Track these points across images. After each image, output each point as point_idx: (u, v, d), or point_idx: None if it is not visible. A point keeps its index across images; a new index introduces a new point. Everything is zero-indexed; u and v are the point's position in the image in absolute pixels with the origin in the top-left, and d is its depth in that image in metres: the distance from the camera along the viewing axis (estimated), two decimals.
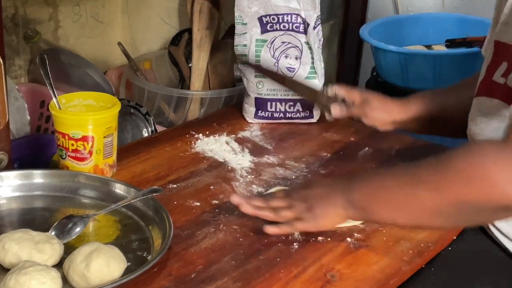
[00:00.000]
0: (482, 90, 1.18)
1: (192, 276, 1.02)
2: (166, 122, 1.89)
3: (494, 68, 1.16)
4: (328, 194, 1.09)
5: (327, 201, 1.08)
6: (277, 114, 1.59)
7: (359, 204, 1.06)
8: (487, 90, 1.16)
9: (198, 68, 1.90)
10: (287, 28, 1.56)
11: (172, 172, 1.34)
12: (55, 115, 1.26)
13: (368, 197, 1.06)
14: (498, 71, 1.15)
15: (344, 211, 1.07)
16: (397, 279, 1.06)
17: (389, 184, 1.05)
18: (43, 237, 1.04)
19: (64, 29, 2.06)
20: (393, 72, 2.02)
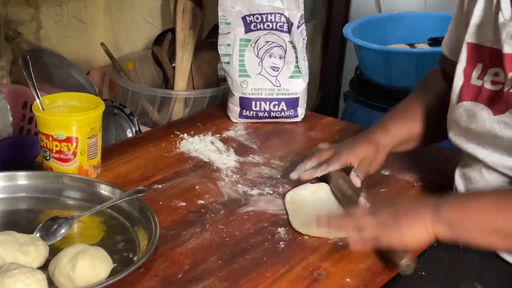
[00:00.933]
0: (464, 95, 1.16)
1: (178, 277, 1.02)
2: (150, 122, 1.89)
3: (470, 71, 1.16)
4: (417, 211, 1.03)
5: (416, 217, 1.03)
6: (261, 114, 1.59)
7: (450, 221, 1.01)
8: (470, 94, 1.15)
9: (182, 68, 1.89)
10: (271, 27, 1.56)
11: (157, 173, 1.33)
12: (39, 116, 1.25)
13: (461, 215, 1.02)
14: (475, 73, 1.16)
15: (433, 228, 1.01)
16: (384, 276, 1.06)
17: (486, 204, 1.01)
18: (28, 239, 1.03)
19: (46, 30, 2.05)
20: (377, 70, 2.03)
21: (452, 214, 1.02)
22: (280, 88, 1.58)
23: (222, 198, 1.25)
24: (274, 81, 1.58)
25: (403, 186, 1.31)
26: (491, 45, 1.13)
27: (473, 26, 1.16)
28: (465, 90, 1.16)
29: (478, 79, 1.15)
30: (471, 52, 1.17)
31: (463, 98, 1.16)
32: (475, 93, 1.14)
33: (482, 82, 1.14)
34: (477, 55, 1.16)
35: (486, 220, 1.00)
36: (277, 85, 1.58)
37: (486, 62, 1.14)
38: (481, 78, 1.14)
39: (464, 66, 1.17)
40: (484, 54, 1.14)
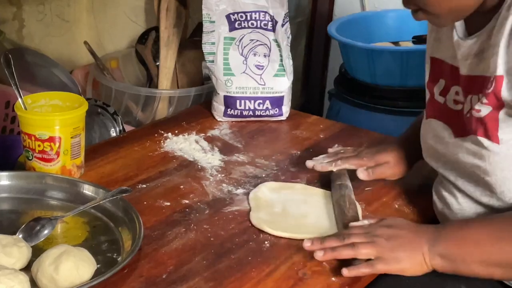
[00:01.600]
0: (429, 111, 1.15)
1: (163, 277, 1.02)
2: (134, 121, 1.88)
3: (433, 85, 1.14)
4: (414, 240, 1.02)
5: (413, 246, 1.02)
6: (246, 112, 1.59)
7: (448, 256, 1.00)
8: (433, 111, 1.14)
9: (166, 67, 1.88)
10: (255, 25, 1.56)
11: (141, 172, 1.33)
12: (21, 116, 1.24)
13: (458, 249, 1.00)
14: (437, 88, 1.13)
15: (431, 261, 1.01)
16: (368, 276, 1.06)
17: (482, 236, 0.99)
18: (10, 240, 1.02)
19: (28, 29, 2.03)
20: (361, 68, 2.03)
21: (449, 248, 1.00)
22: (265, 87, 1.58)
23: (207, 197, 1.25)
24: (259, 80, 1.58)
25: (387, 185, 1.31)
26: (451, 62, 1.10)
27: (433, 40, 1.14)
28: (430, 106, 1.15)
29: (440, 96, 1.12)
30: (433, 66, 1.15)
31: (427, 115, 1.15)
32: (438, 111, 1.12)
33: (444, 99, 1.11)
34: (438, 70, 1.13)
35: (483, 252, 0.99)
36: (261, 84, 1.58)
37: (447, 78, 1.11)
38: (443, 95, 1.12)
39: (427, 79, 1.16)
40: (445, 70, 1.11)
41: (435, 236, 1.02)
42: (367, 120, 2.00)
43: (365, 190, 1.29)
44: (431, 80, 1.15)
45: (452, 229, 1.03)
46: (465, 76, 1.05)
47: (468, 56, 1.04)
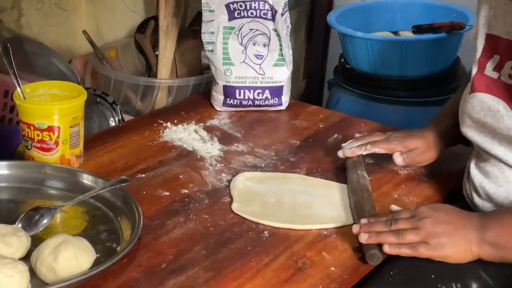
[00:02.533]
0: (478, 85, 1.14)
1: (162, 267, 1.02)
2: (133, 111, 1.87)
3: (485, 61, 1.13)
4: (461, 227, 1.02)
5: (460, 233, 1.02)
6: (245, 102, 1.58)
7: (497, 243, 1.00)
8: (483, 85, 1.13)
9: (165, 56, 1.88)
10: (255, 15, 1.55)
11: (140, 162, 1.32)
12: (20, 105, 1.24)
13: (507, 236, 1.00)
14: (490, 64, 1.13)
15: (478, 249, 1.01)
16: (368, 264, 1.06)
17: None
18: (10, 230, 1.02)
19: (27, 18, 2.02)
20: (361, 58, 2.03)
21: (498, 236, 1.00)
22: (264, 76, 1.57)
23: (206, 187, 1.25)
24: (258, 69, 1.57)
25: (387, 174, 1.31)
26: (507, 37, 1.09)
27: (489, 16, 1.13)
28: (477, 81, 1.14)
29: (493, 71, 1.12)
30: (487, 42, 1.14)
31: (475, 89, 1.14)
32: (490, 85, 1.11)
33: (498, 74, 1.10)
34: (493, 46, 1.13)
35: None
36: (261, 73, 1.57)
37: (504, 54, 1.10)
38: (497, 71, 1.11)
39: (480, 55, 1.15)
40: (501, 45, 1.11)
41: (483, 224, 1.02)
42: (367, 109, 2.00)
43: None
44: (485, 56, 1.14)
45: (499, 216, 1.03)
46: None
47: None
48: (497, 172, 1.11)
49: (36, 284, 0.96)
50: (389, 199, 1.23)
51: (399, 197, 1.24)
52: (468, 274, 1.06)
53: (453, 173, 1.28)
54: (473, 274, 1.06)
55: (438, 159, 1.32)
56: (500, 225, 1.02)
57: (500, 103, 1.09)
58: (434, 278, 1.05)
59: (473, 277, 1.06)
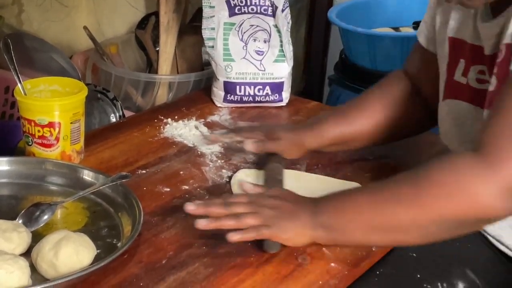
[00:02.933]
0: (448, 92, 1.14)
1: (163, 263, 1.02)
2: (134, 107, 1.87)
3: (454, 67, 1.13)
4: (297, 212, 1.03)
5: (295, 217, 1.02)
6: (246, 98, 1.58)
7: (329, 226, 1.01)
8: (453, 92, 1.13)
9: (166, 52, 1.88)
10: (255, 11, 1.55)
11: (141, 158, 1.33)
12: (21, 101, 1.24)
13: (338, 218, 1.01)
14: (458, 70, 1.13)
15: (312, 232, 1.02)
16: (368, 260, 1.06)
17: (361, 202, 1.00)
18: (10, 226, 1.02)
19: (27, 13, 2.02)
20: (361, 54, 2.03)
21: (330, 217, 1.01)
22: (265, 72, 1.57)
23: (206, 183, 1.25)
24: (259, 65, 1.57)
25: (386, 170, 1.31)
26: (471, 41, 1.09)
27: (453, 20, 1.13)
28: (448, 87, 1.14)
29: (462, 76, 1.12)
30: (452, 47, 1.14)
31: (447, 95, 1.14)
32: (460, 91, 1.11)
33: (466, 79, 1.11)
34: (459, 51, 1.13)
35: (363, 219, 0.99)
36: (261, 69, 1.57)
37: (469, 58, 1.11)
38: (464, 76, 1.11)
39: (447, 61, 1.15)
40: (465, 50, 1.11)
41: (316, 207, 1.02)
42: None
43: (364, 175, 1.29)
44: (452, 61, 1.14)
45: (333, 199, 1.04)
46: (489, 56, 1.05)
47: (492, 36, 1.03)
48: None
49: (37, 279, 0.96)
50: None
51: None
52: (454, 274, 1.06)
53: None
54: (459, 273, 1.06)
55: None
56: (331, 208, 1.02)
57: (472, 108, 1.09)
58: (420, 278, 1.05)
59: (459, 276, 1.06)
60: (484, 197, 0.90)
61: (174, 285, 0.97)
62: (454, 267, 1.06)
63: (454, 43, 1.14)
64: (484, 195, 0.90)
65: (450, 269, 1.06)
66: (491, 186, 0.89)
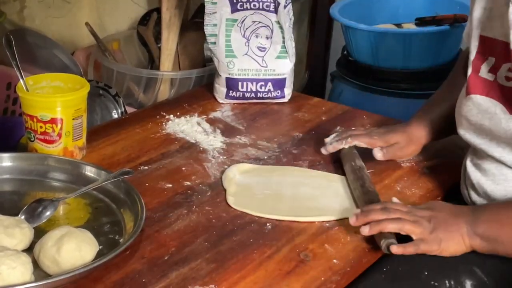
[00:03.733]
0: (473, 88, 1.13)
1: (165, 259, 1.02)
2: (136, 103, 1.87)
3: (480, 63, 1.12)
4: (454, 222, 1.05)
5: (453, 227, 1.04)
6: (248, 94, 1.58)
7: (487, 235, 1.03)
8: (479, 87, 1.12)
9: (168, 48, 1.88)
10: (258, 7, 1.55)
11: (143, 154, 1.33)
12: (23, 97, 1.24)
13: (497, 229, 1.03)
14: (484, 66, 1.12)
15: (469, 241, 1.04)
16: (370, 257, 1.06)
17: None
18: (13, 222, 1.02)
19: (30, 9, 2.02)
20: (364, 51, 2.03)
21: (488, 229, 1.03)
22: (267, 69, 1.57)
23: (208, 179, 1.25)
24: (261, 62, 1.57)
25: (389, 167, 1.31)
26: (503, 39, 1.08)
27: (484, 18, 1.13)
28: (473, 83, 1.13)
29: (489, 73, 1.11)
30: (481, 44, 1.13)
31: (470, 91, 1.13)
32: (486, 88, 1.11)
33: (494, 76, 1.10)
34: (488, 48, 1.12)
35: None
36: (263, 66, 1.57)
37: (499, 56, 1.10)
38: (493, 73, 1.10)
39: (473, 57, 1.14)
40: (496, 47, 1.10)
41: (474, 218, 1.04)
42: (370, 102, 2.00)
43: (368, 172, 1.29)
44: (478, 58, 1.14)
45: (490, 210, 1.06)
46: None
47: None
48: (495, 170, 1.11)
49: (39, 275, 0.96)
50: (391, 191, 1.23)
51: (401, 190, 1.24)
52: (461, 271, 1.06)
53: (456, 165, 1.27)
54: (466, 270, 1.06)
55: (441, 151, 1.32)
56: (490, 219, 1.04)
57: (497, 106, 1.08)
58: (427, 275, 1.05)
59: (467, 274, 1.06)
60: None
61: (176, 281, 0.97)
62: (462, 265, 1.06)
63: (484, 40, 1.13)
64: None
65: (457, 267, 1.06)
66: None
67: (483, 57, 1.12)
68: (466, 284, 1.05)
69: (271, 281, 0.99)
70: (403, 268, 1.06)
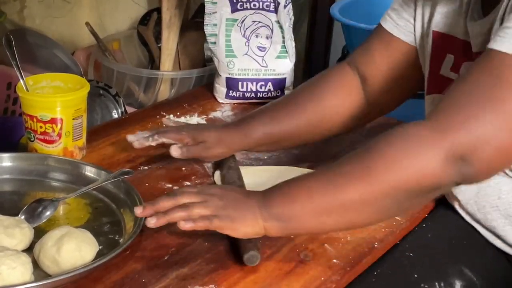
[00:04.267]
0: (432, 87, 1.12)
1: (165, 259, 1.02)
2: (136, 103, 1.87)
3: (439, 61, 1.11)
4: (246, 201, 0.98)
5: (245, 207, 0.98)
6: (248, 94, 1.58)
7: (280, 216, 0.96)
8: (438, 87, 1.11)
9: (168, 48, 1.88)
10: (258, 7, 1.55)
11: (143, 154, 1.32)
12: (23, 97, 1.24)
13: (288, 206, 0.96)
14: (445, 64, 1.11)
15: (265, 223, 0.97)
16: (370, 257, 1.06)
17: (311, 187, 0.95)
18: (13, 222, 1.02)
19: (30, 9, 2.02)
20: None
21: (280, 207, 0.96)
22: (267, 69, 1.57)
23: (208, 179, 1.25)
24: (261, 62, 1.57)
25: None
26: (463, 37, 1.08)
27: (440, 14, 1.11)
28: (432, 82, 1.12)
29: (451, 72, 1.10)
30: (438, 41, 1.12)
31: (431, 90, 1.13)
32: (447, 86, 1.09)
33: (456, 75, 1.09)
34: (446, 45, 1.11)
35: (313, 204, 0.94)
36: (264, 66, 1.57)
37: (458, 54, 1.09)
38: (454, 71, 1.10)
39: (430, 56, 1.13)
40: (455, 45, 1.09)
41: (265, 197, 0.98)
42: None
43: None
44: (436, 56, 1.12)
45: (281, 187, 0.99)
46: (476, 53, 1.04)
47: (480, 34, 1.03)
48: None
49: (39, 275, 0.96)
50: None
51: None
52: (451, 272, 1.06)
53: None
54: (456, 271, 1.06)
55: None
56: (280, 197, 0.97)
57: None
58: (417, 278, 1.05)
59: (457, 275, 1.06)
60: (433, 164, 0.87)
61: (176, 281, 0.97)
62: (451, 266, 1.06)
63: (439, 37, 1.12)
64: (432, 162, 0.87)
65: (446, 268, 1.06)
66: (437, 151, 0.87)
67: (440, 54, 1.11)
68: (456, 286, 1.06)
69: (271, 281, 0.99)
70: (393, 271, 1.06)
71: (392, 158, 0.90)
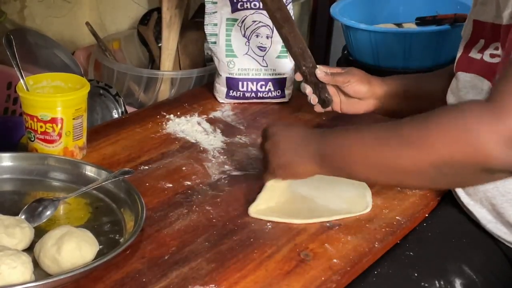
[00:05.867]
0: (459, 65, 1.18)
1: (165, 258, 1.02)
2: (136, 103, 1.87)
3: (472, 45, 1.17)
4: (302, 143, 1.07)
5: (302, 149, 1.07)
6: (248, 94, 1.58)
7: (331, 160, 1.04)
8: (464, 65, 1.17)
9: (168, 48, 1.88)
10: (258, 6, 1.55)
11: (143, 154, 1.33)
12: (23, 97, 1.24)
13: (342, 152, 1.03)
14: (475, 48, 1.16)
15: (316, 165, 1.05)
16: (370, 257, 1.06)
17: (366, 140, 1.00)
18: (13, 221, 1.02)
19: (30, 9, 2.02)
20: (364, 50, 2.02)
21: (335, 153, 1.04)
22: (267, 68, 1.57)
23: (209, 179, 1.25)
24: (261, 61, 1.57)
25: None
26: (492, 20, 1.13)
27: (479, 4, 1.17)
28: (461, 61, 1.18)
29: (478, 53, 1.15)
30: (475, 28, 1.18)
31: (458, 68, 1.18)
32: (472, 65, 1.15)
33: (481, 55, 1.14)
34: (480, 32, 1.16)
35: (368, 161, 1.00)
36: (264, 65, 1.57)
37: (488, 37, 1.14)
38: (481, 52, 1.15)
39: (467, 41, 1.19)
40: (485, 30, 1.15)
41: (322, 139, 1.06)
42: None
43: None
44: (471, 41, 1.18)
45: (339, 134, 1.06)
46: (504, 26, 1.08)
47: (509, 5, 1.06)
48: None
49: (40, 275, 0.96)
50: (392, 191, 1.22)
51: (401, 189, 1.24)
52: (450, 270, 1.06)
53: None
54: (455, 269, 1.06)
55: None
56: (336, 142, 1.05)
57: (483, 82, 1.12)
58: (417, 276, 1.05)
59: (456, 273, 1.06)
60: (487, 144, 0.88)
61: (176, 280, 0.97)
62: (451, 264, 1.06)
63: (477, 25, 1.18)
64: (487, 142, 0.88)
65: (446, 267, 1.07)
66: (495, 134, 0.88)
67: (475, 41, 1.17)
68: (456, 283, 1.06)
69: (271, 281, 0.99)
70: (394, 270, 1.06)
71: (447, 131, 0.91)
